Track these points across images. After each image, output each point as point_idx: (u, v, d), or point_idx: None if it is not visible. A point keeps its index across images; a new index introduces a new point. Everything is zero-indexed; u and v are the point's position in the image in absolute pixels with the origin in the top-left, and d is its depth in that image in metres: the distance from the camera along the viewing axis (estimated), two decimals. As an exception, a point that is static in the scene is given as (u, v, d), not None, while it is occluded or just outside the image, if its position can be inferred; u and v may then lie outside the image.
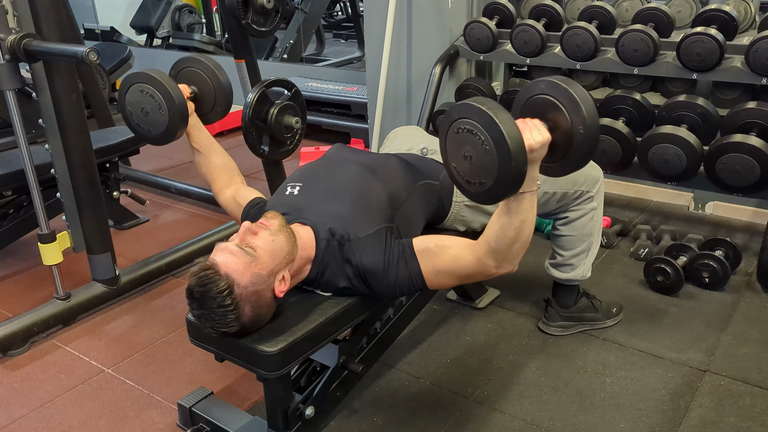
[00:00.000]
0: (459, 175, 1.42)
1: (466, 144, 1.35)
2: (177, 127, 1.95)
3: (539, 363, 2.10)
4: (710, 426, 1.81)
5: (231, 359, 1.57)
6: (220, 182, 2.02)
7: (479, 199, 1.43)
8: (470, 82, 3.16)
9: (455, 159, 1.41)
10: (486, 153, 1.31)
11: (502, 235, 1.47)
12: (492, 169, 1.32)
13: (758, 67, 2.45)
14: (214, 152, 2.06)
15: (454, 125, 1.38)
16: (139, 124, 2.00)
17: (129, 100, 1.97)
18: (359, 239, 1.60)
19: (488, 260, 1.52)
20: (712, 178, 2.49)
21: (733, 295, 2.42)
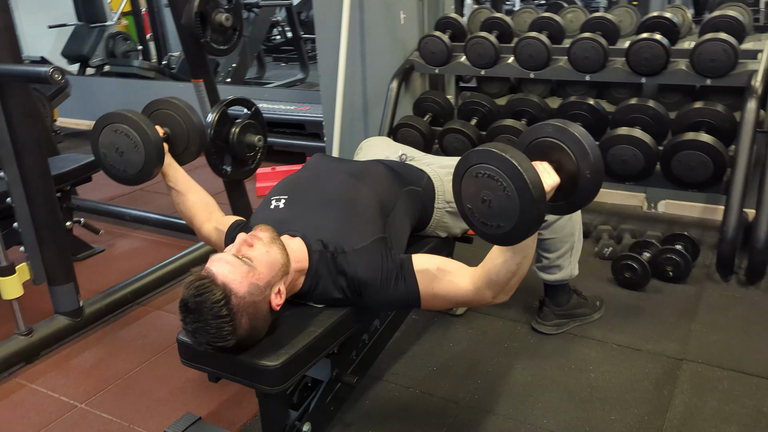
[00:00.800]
0: (474, 216, 1.42)
1: (486, 188, 1.35)
2: (153, 164, 1.92)
3: (524, 364, 2.13)
4: (695, 411, 1.87)
5: (229, 377, 1.53)
6: (200, 218, 1.99)
7: (495, 240, 1.42)
8: (428, 95, 3.21)
9: (471, 201, 1.40)
10: (507, 199, 1.32)
11: (504, 269, 1.49)
12: (512, 215, 1.33)
13: (702, 68, 2.58)
14: (190, 190, 2.04)
15: (472, 169, 1.37)
16: (114, 165, 1.96)
17: (103, 142, 1.93)
18: (354, 251, 1.59)
19: (486, 291, 1.53)
20: (668, 176, 2.60)
21: (696, 286, 2.52)
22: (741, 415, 1.84)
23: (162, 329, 2.45)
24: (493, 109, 3.04)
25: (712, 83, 2.62)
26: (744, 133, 2.43)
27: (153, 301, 2.66)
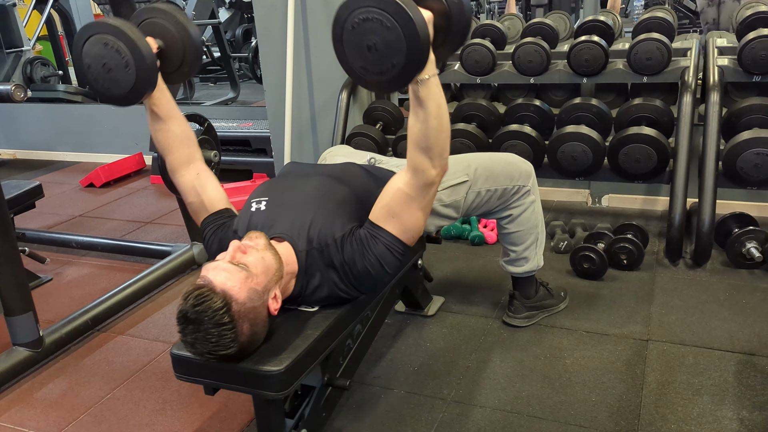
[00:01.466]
0: (369, 73, 1.42)
1: (366, 34, 1.36)
2: (144, 89, 1.70)
3: (501, 356, 2.18)
4: (667, 386, 1.97)
5: (228, 387, 1.51)
6: (178, 155, 1.83)
7: (396, 83, 1.42)
8: (378, 105, 3.26)
9: (359, 58, 1.40)
10: (390, 31, 1.34)
11: (426, 128, 1.49)
12: (400, 44, 1.34)
13: (639, 67, 2.75)
14: (174, 118, 1.82)
15: (347, 24, 1.38)
16: (98, 80, 1.71)
17: (88, 52, 1.67)
18: (336, 241, 1.60)
19: (423, 162, 1.53)
20: (616, 169, 2.74)
21: (648, 272, 2.66)
22: (709, 387, 1.95)
23: (128, 354, 2.37)
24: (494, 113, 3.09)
25: (648, 80, 2.79)
26: (683, 126, 2.59)
27: (114, 327, 2.56)
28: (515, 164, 2.17)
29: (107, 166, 4.41)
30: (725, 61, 2.70)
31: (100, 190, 4.37)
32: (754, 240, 2.56)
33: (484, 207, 2.14)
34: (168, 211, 3.84)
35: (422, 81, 1.44)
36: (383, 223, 1.60)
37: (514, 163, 2.17)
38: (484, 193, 2.09)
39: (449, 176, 2.05)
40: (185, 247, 2.96)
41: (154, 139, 1.85)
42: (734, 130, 2.63)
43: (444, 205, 2.03)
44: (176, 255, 2.90)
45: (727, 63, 2.69)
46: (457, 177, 2.04)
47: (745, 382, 1.96)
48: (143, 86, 1.68)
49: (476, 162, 2.11)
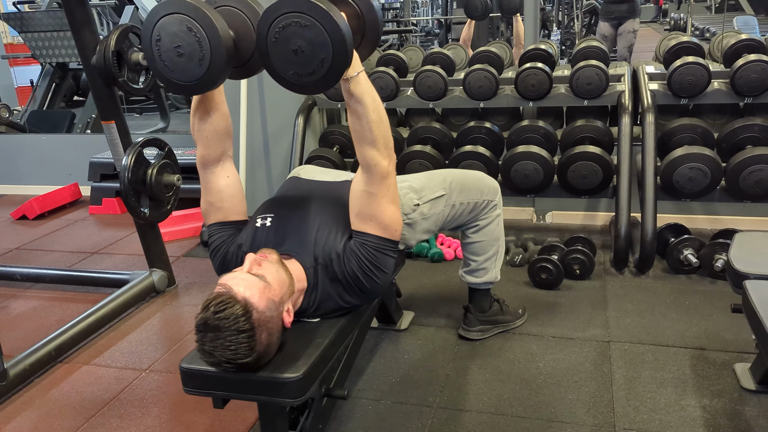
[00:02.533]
0: (301, 76, 1.46)
1: (290, 39, 1.42)
2: (206, 88, 1.61)
3: (478, 364, 2.28)
4: (634, 381, 2.12)
5: (243, 397, 1.52)
6: (214, 150, 1.79)
7: (329, 79, 1.47)
8: (334, 129, 3.34)
9: (288, 64, 1.45)
10: (310, 29, 1.41)
11: (368, 122, 1.58)
12: (323, 39, 1.41)
13: (581, 91, 2.97)
14: (221, 112, 1.77)
15: (269, 36, 1.44)
16: (162, 58, 1.57)
17: (165, 27, 1.53)
18: (339, 255, 1.66)
19: (371, 154, 1.62)
20: (565, 186, 2.93)
21: (599, 280, 2.85)
22: (671, 380, 2.12)
23: (98, 383, 2.30)
24: (397, 138, 3.23)
25: (588, 104, 3.01)
26: (623, 144, 2.82)
27: (77, 357, 2.48)
28: (484, 180, 2.30)
29: (41, 197, 4.24)
30: (655, 86, 2.96)
31: (34, 222, 4.19)
32: (690, 247, 2.80)
33: (457, 220, 2.24)
34: (113, 241, 3.74)
35: (352, 78, 1.53)
36: (364, 228, 1.67)
37: (483, 179, 2.30)
38: (458, 206, 2.20)
39: (429, 191, 2.15)
40: (144, 274, 2.90)
41: (194, 128, 1.77)
42: (667, 148, 2.88)
43: (425, 219, 2.12)
44: (136, 282, 2.84)
45: (657, 87, 2.95)
46: (435, 191, 2.15)
47: (701, 374, 2.14)
48: (206, 85, 1.59)
49: (450, 176, 2.22)
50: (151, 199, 2.74)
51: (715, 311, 2.52)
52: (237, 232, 1.81)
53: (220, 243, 1.79)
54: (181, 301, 2.91)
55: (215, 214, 1.82)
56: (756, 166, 2.66)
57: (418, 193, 2.13)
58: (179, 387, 2.20)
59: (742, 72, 2.75)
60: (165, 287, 2.96)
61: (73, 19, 2.46)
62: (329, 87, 1.53)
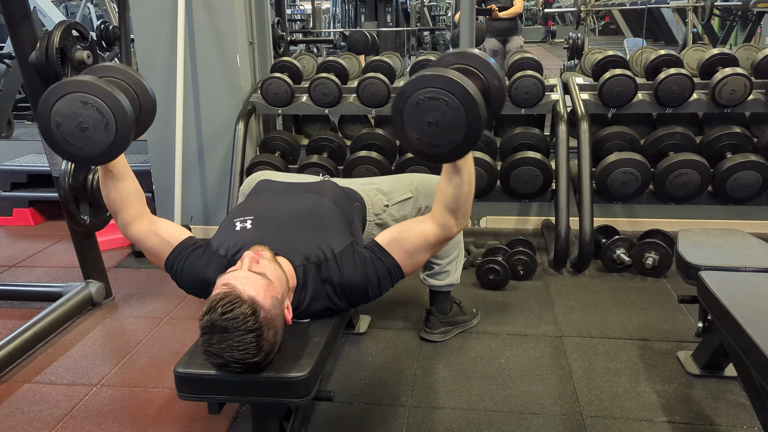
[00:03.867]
0: (423, 144, 1.52)
1: (429, 111, 1.47)
2: (120, 148, 1.65)
3: (442, 363, 2.32)
4: (591, 372, 2.24)
5: (245, 400, 1.48)
6: (132, 211, 1.77)
7: (449, 157, 1.54)
8: (276, 135, 3.30)
9: (417, 130, 1.50)
10: (454, 111, 1.45)
11: (459, 193, 1.64)
12: (461, 124, 1.46)
13: (519, 100, 3.10)
14: (127, 176, 1.78)
15: (411, 99, 1.48)
16: (68, 140, 1.62)
17: (60, 110, 1.59)
18: (333, 257, 1.66)
19: (450, 221, 1.68)
20: (507, 190, 3.05)
21: (540, 280, 2.98)
22: (624, 369, 2.25)
23: (44, 402, 2.14)
24: (342, 144, 3.24)
25: (525, 112, 3.16)
26: (561, 150, 2.97)
27: (16, 375, 2.30)
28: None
29: (-61, 209, 3.89)
30: (586, 96, 3.15)
31: (-66, 235, 3.84)
32: (622, 247, 2.99)
33: None
34: (31, 253, 3.49)
35: None
36: (393, 251, 1.68)
37: None
38: (423, 209, 2.24)
39: (397, 193, 2.19)
40: (80, 286, 2.73)
41: (107, 197, 1.78)
42: (599, 154, 3.07)
43: (394, 219, 2.15)
44: (72, 294, 2.67)
45: (588, 97, 3.14)
46: (403, 194, 2.18)
47: (650, 362, 2.29)
48: (120, 145, 1.64)
49: (416, 180, 2.26)
50: (91, 206, 2.61)
51: (651, 305, 2.71)
52: (196, 248, 1.74)
53: (183, 263, 1.72)
54: (122, 313, 2.77)
55: (162, 250, 1.75)
56: (681, 170, 2.89)
57: (386, 195, 2.16)
58: (138, 401, 2.12)
59: (665, 84, 2.98)
60: (102, 299, 2.80)
61: (10, 14, 2.30)
62: (446, 162, 1.58)
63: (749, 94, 2.96)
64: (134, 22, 3.35)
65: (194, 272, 1.70)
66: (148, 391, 2.19)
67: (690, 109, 3.09)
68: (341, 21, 11.08)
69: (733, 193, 2.95)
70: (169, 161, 3.35)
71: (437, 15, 12.46)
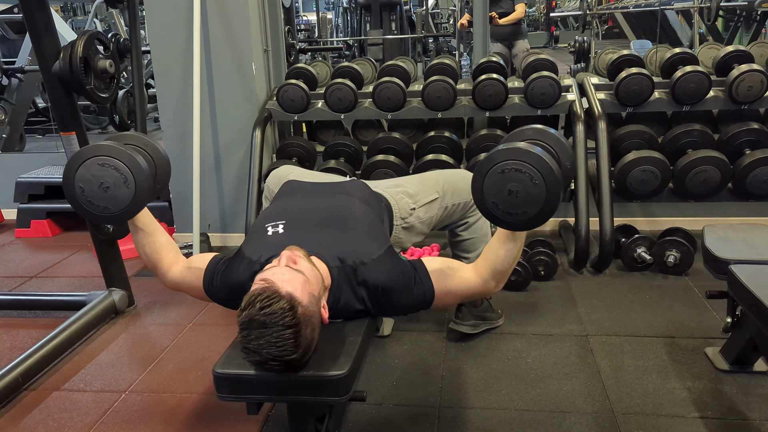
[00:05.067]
0: (498, 209, 1.58)
1: (512, 181, 1.54)
2: (143, 201, 1.79)
3: (469, 363, 2.32)
4: (620, 370, 2.24)
5: (284, 399, 1.48)
6: (167, 260, 1.86)
7: (518, 226, 1.60)
8: (292, 141, 3.31)
9: (495, 195, 1.57)
10: (536, 187, 1.53)
11: (509, 258, 1.67)
12: (539, 200, 1.54)
13: (535, 101, 3.10)
14: (157, 231, 1.89)
15: (497, 167, 1.56)
16: (93, 202, 1.77)
17: (82, 176, 1.74)
18: (372, 261, 1.66)
19: (491, 281, 1.71)
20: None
21: (561, 281, 2.97)
22: (652, 366, 2.25)
23: (75, 409, 2.15)
24: (358, 149, 3.25)
25: (541, 113, 3.16)
26: (579, 150, 2.97)
27: (44, 384, 2.30)
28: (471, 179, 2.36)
29: (-41, 222, 3.92)
30: (602, 95, 3.16)
31: (-47, 248, 3.86)
32: (642, 245, 2.98)
33: (447, 220, 2.29)
34: (50, 264, 3.50)
35: None
36: (435, 280, 1.69)
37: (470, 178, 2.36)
38: (450, 207, 2.25)
39: (423, 194, 2.19)
40: (103, 294, 2.74)
41: (143, 254, 1.89)
42: (617, 153, 3.07)
43: (421, 222, 2.15)
44: (96, 302, 2.67)
45: (604, 97, 3.15)
46: (430, 195, 2.18)
47: (678, 359, 2.28)
48: (142, 198, 1.78)
49: (442, 179, 2.27)
50: (114, 214, 2.61)
51: (674, 303, 2.70)
52: (227, 261, 1.76)
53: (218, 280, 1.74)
54: (145, 320, 2.77)
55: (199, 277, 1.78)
56: (701, 167, 2.89)
57: (413, 198, 2.16)
58: (167, 406, 2.13)
59: (682, 82, 2.98)
60: (126, 307, 2.81)
61: (33, 24, 2.32)
62: (511, 229, 1.62)
63: (766, 89, 2.96)
64: (149, 33, 3.38)
65: (228, 281, 1.71)
66: (176, 396, 2.19)
67: (707, 106, 3.08)
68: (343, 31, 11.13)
69: (753, 189, 2.94)
70: (186, 170, 3.37)
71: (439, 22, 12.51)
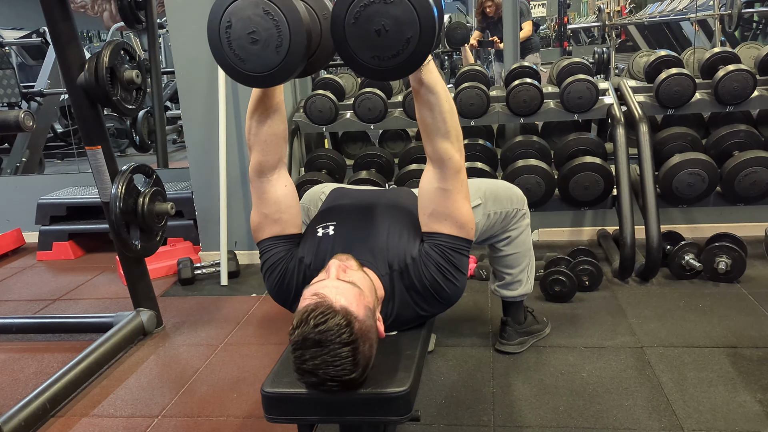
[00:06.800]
0: (382, 60, 1.32)
1: (371, 20, 1.29)
2: (284, 77, 1.41)
3: (520, 379, 2.18)
4: (683, 383, 2.09)
5: (338, 420, 1.35)
6: (272, 157, 1.62)
7: (414, 60, 1.32)
8: (321, 153, 3.22)
9: (369, 48, 1.31)
10: (397, 6, 1.28)
11: (441, 111, 1.49)
12: (411, 15, 1.28)
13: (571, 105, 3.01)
14: (281, 113, 1.62)
15: (347, 19, 1.31)
16: (232, 45, 1.39)
17: (237, 11, 1.37)
18: (414, 260, 1.55)
19: (445, 148, 1.53)
20: (566, 198, 2.93)
21: (607, 291, 2.83)
22: (717, 378, 2.10)
23: (104, 435, 2.04)
24: (389, 159, 3.15)
25: (579, 117, 3.05)
26: (620, 155, 2.85)
27: (72, 410, 2.19)
28: (512, 188, 2.24)
29: (-21, 247, 3.84)
30: (641, 98, 3.04)
31: (-26, 272, 3.78)
32: (690, 252, 2.84)
33: (489, 231, 2.17)
34: (74, 286, 3.41)
35: (424, 65, 1.43)
36: (438, 228, 1.58)
37: (511, 188, 2.25)
38: (492, 215, 2.13)
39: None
40: (131, 315, 2.64)
41: (252, 132, 1.62)
42: (660, 157, 2.95)
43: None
44: (124, 324, 2.57)
45: (644, 99, 3.03)
46: (474, 200, 2.06)
47: (744, 370, 2.13)
48: (281, 75, 1.41)
49: (484, 185, 2.15)
50: (142, 231, 2.52)
51: (730, 311, 2.55)
52: (293, 247, 1.65)
53: (278, 259, 1.62)
54: (175, 341, 2.66)
55: (271, 227, 1.65)
56: (750, 168, 2.76)
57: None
58: (202, 431, 2.00)
59: (725, 81, 2.86)
60: (154, 328, 2.70)
61: (58, 35, 2.25)
62: (411, 71, 1.36)
63: (815, 87, 2.84)
64: (173, 47, 3.31)
65: (284, 276, 1.62)
66: (212, 420, 2.07)
67: (751, 106, 2.96)
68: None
69: (806, 191, 2.81)
70: (212, 186, 3.29)
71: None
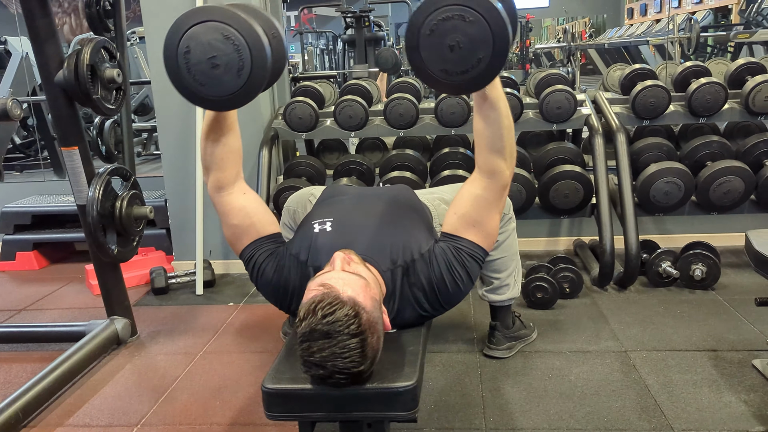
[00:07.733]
0: (451, 75, 1.35)
1: (447, 35, 1.32)
2: (244, 100, 1.43)
3: (509, 383, 2.17)
4: (669, 385, 2.11)
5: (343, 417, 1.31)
6: (229, 172, 1.64)
7: (482, 79, 1.35)
8: (302, 161, 3.18)
9: (440, 61, 1.34)
10: (473, 25, 1.30)
11: (500, 128, 1.50)
12: (486, 37, 1.30)
13: (550, 116, 3.04)
14: (235, 131, 1.64)
15: (423, 29, 1.33)
16: (190, 71, 1.39)
17: (196, 36, 1.37)
18: (421, 256, 1.53)
19: (498, 164, 1.54)
20: (546, 206, 2.96)
21: (587, 298, 2.85)
22: (702, 381, 2.12)
23: (81, 445, 1.95)
24: (369, 167, 3.13)
25: (557, 128, 3.09)
26: (599, 164, 2.89)
27: (46, 419, 2.09)
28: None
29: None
30: (617, 109, 3.10)
31: (-69, 283, 3.61)
32: (667, 260, 2.89)
33: None
34: (39, 297, 3.28)
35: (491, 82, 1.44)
36: (463, 232, 1.56)
37: None
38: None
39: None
40: (104, 323, 2.54)
41: (207, 152, 1.63)
42: (635, 167, 3.00)
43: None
44: (98, 332, 2.47)
45: (620, 110, 3.09)
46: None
47: (727, 372, 2.16)
48: (245, 96, 1.42)
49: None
50: (119, 235, 2.44)
51: (708, 317, 2.59)
52: (279, 245, 1.62)
53: (266, 258, 1.59)
54: (151, 350, 2.58)
55: (246, 234, 1.63)
56: (724, 177, 2.82)
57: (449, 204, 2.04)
58: (185, 438, 1.93)
59: (698, 94, 2.94)
60: (128, 337, 2.61)
61: (36, 32, 2.18)
62: (477, 89, 1.41)
63: (783, 99, 2.93)
64: (149, 53, 3.26)
65: (274, 274, 1.59)
66: (195, 428, 2.00)
67: (723, 118, 3.05)
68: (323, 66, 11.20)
69: (777, 200, 2.89)
70: (188, 193, 3.23)
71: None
